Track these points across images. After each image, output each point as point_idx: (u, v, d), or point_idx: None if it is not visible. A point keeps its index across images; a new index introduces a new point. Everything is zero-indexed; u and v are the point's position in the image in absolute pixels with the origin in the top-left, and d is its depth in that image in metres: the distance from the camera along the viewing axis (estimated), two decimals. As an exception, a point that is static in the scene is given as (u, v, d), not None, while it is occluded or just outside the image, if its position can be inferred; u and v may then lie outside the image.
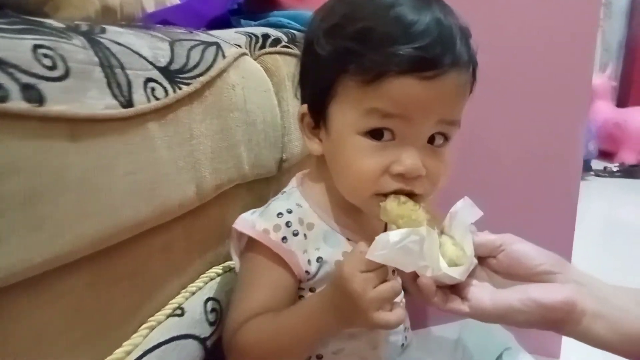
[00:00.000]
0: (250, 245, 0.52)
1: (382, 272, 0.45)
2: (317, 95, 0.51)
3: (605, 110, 2.60)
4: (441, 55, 0.45)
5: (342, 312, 0.46)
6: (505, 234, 0.49)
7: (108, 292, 0.40)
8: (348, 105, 0.48)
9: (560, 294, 0.43)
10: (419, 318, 0.79)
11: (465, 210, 0.48)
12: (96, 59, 0.38)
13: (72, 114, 0.34)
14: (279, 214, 0.52)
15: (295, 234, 0.51)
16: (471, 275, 0.48)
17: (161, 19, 0.74)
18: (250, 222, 0.51)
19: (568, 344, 1.00)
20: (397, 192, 0.48)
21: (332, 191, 0.54)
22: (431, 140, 0.49)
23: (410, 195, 0.48)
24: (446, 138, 0.50)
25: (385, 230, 0.52)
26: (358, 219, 0.54)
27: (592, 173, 2.44)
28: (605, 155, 2.65)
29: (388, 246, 0.43)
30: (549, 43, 0.76)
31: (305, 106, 0.53)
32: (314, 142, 0.53)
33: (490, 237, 0.49)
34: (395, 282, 0.45)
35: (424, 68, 0.44)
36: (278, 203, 0.53)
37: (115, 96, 0.39)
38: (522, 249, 0.47)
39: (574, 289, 0.43)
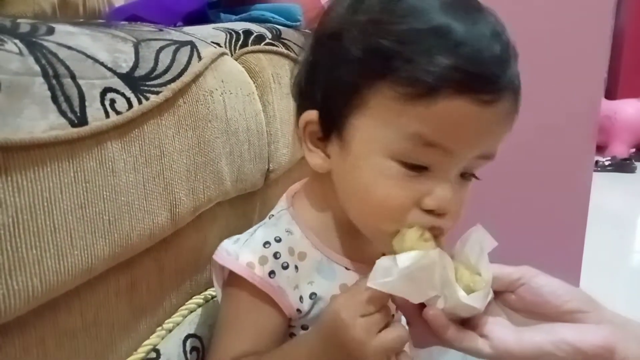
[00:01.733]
0: (233, 278, 0.45)
1: (386, 312, 0.39)
2: (335, 101, 0.42)
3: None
4: (500, 75, 0.38)
5: None
6: (523, 266, 0.42)
7: (58, 351, 0.33)
8: (382, 121, 0.40)
9: (598, 337, 0.37)
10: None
11: (479, 239, 0.42)
12: (37, 68, 0.31)
13: (2, 140, 0.27)
14: (266, 243, 0.45)
15: (285, 267, 0.44)
16: (488, 312, 0.41)
17: (130, 14, 0.66)
18: (233, 253, 0.44)
19: None
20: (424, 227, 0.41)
21: (331, 212, 0.47)
22: (463, 174, 0.42)
23: (435, 232, 0.41)
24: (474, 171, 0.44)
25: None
26: (359, 244, 0.47)
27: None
28: (596, 148, 2.63)
29: (394, 272, 0.37)
30: (561, 37, 0.73)
31: (314, 112, 0.43)
32: (317, 156, 0.45)
33: (506, 269, 0.42)
34: (402, 329, 0.39)
35: (483, 89, 0.37)
36: (265, 230, 0.46)
37: (63, 113, 0.32)
38: (545, 283, 0.41)
39: (612, 330, 0.37)
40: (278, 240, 0.45)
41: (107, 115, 0.35)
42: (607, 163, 2.44)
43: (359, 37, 0.40)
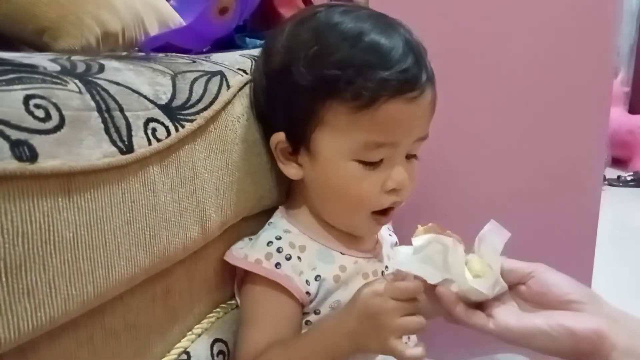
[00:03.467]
0: (246, 277, 0.52)
1: (412, 305, 0.45)
2: (297, 123, 0.52)
3: (617, 116, 2.55)
4: (419, 74, 0.49)
5: (358, 336, 0.46)
6: (537, 263, 0.48)
7: (105, 348, 0.38)
8: (339, 132, 0.50)
9: (591, 323, 0.41)
10: (440, 350, 0.76)
11: (493, 233, 0.48)
12: (93, 104, 0.36)
13: (67, 168, 0.32)
14: (269, 243, 0.52)
15: (288, 259, 0.51)
16: (499, 300, 0.47)
17: (164, 42, 0.71)
18: (242, 254, 0.51)
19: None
20: (390, 207, 0.53)
21: (316, 211, 0.56)
22: (408, 156, 0.54)
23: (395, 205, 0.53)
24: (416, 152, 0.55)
25: None
26: (348, 236, 0.56)
27: (605, 182, 2.39)
28: (618, 162, 2.60)
29: (410, 253, 0.45)
30: (567, 50, 0.74)
31: (281, 134, 0.53)
32: (291, 167, 0.55)
33: (521, 264, 0.48)
34: (423, 319, 0.45)
35: (409, 89, 0.48)
36: (266, 233, 0.54)
37: (113, 142, 0.37)
38: (553, 277, 0.46)
39: (606, 321, 0.41)
40: (279, 238, 0.53)
41: (149, 142, 0.40)
42: (629, 178, 2.41)
43: (304, 71, 0.50)
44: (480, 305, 0.46)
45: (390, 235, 0.66)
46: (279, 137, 0.53)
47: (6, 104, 0.30)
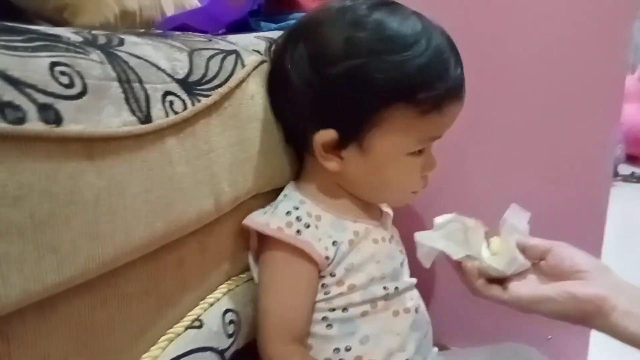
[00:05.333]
0: (267, 243, 0.55)
1: None
2: (354, 121, 0.53)
3: (633, 113, 2.51)
4: (462, 75, 0.55)
5: None
6: (560, 241, 0.53)
7: (119, 312, 0.40)
8: (400, 132, 0.53)
9: (593, 289, 0.46)
10: (447, 337, 0.78)
11: (514, 215, 0.54)
12: (114, 74, 0.37)
13: (89, 133, 0.34)
14: (288, 212, 0.55)
15: (307, 226, 0.55)
16: (520, 275, 0.52)
17: (180, 23, 0.73)
18: (264, 221, 0.54)
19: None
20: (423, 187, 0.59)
21: (328, 187, 0.60)
22: None
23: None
24: None
25: None
26: (358, 205, 0.61)
27: (619, 178, 2.36)
28: (633, 159, 2.57)
29: (432, 230, 0.52)
30: (579, 43, 0.73)
31: (332, 132, 0.53)
32: (332, 160, 0.56)
33: (542, 241, 0.53)
34: None
35: (462, 92, 0.55)
36: (283, 204, 0.57)
37: (133, 112, 0.38)
38: (567, 251, 0.51)
39: (608, 287, 0.46)
40: (296, 208, 0.56)
41: (167, 114, 0.42)
42: (644, 175, 2.38)
43: (380, 76, 0.50)
44: (500, 281, 0.52)
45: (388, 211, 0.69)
46: (330, 134, 0.53)
47: (33, 69, 0.31)
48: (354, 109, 0.52)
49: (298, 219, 0.54)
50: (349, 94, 0.52)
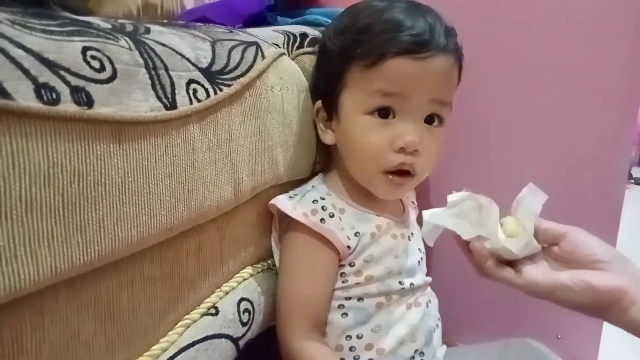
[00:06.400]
0: (293, 226, 0.57)
1: None
2: (329, 88, 0.59)
3: (645, 115, 2.49)
4: (430, 40, 0.54)
5: None
6: (572, 226, 0.50)
7: (143, 293, 0.40)
8: (355, 90, 0.56)
9: (613, 281, 0.43)
10: (456, 335, 0.78)
11: (531, 195, 0.50)
12: (141, 61, 0.38)
13: (119, 116, 0.34)
14: (314, 201, 0.57)
15: (332, 216, 0.57)
16: (531, 259, 0.49)
17: (200, 16, 0.73)
18: (291, 206, 0.56)
19: None
20: (399, 169, 0.55)
21: (348, 178, 0.61)
22: (428, 121, 0.57)
23: (405, 167, 0.56)
24: (440, 120, 0.58)
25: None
26: (379, 201, 0.61)
27: (632, 181, 2.33)
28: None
29: (445, 208, 0.49)
30: (597, 42, 0.73)
31: (319, 101, 0.61)
32: (327, 133, 0.61)
33: (557, 225, 0.50)
34: None
35: (417, 50, 0.53)
36: (311, 193, 0.59)
37: (159, 98, 0.39)
38: (584, 238, 0.48)
39: (628, 279, 0.43)
40: (323, 198, 0.58)
41: (190, 102, 0.42)
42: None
43: (334, 38, 0.58)
44: (510, 263, 0.49)
45: (415, 208, 0.70)
46: (318, 104, 0.61)
47: (67, 52, 0.32)
48: (325, 75, 0.60)
49: (323, 208, 0.57)
50: (320, 62, 0.62)
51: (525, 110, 0.78)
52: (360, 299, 0.57)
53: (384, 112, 0.55)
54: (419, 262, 0.62)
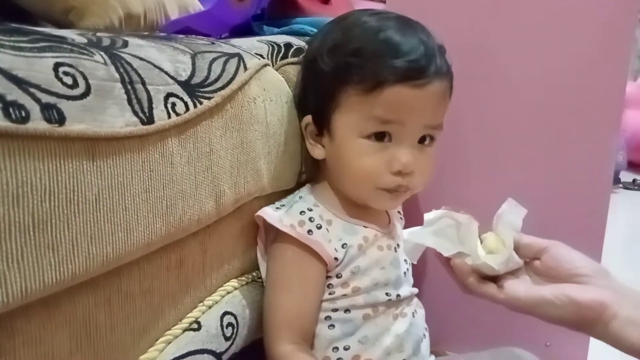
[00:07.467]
0: (280, 237, 0.56)
1: None
2: (321, 106, 0.58)
3: (635, 119, 2.52)
4: (427, 66, 0.54)
5: None
6: (553, 240, 0.50)
7: (121, 310, 0.40)
8: (350, 112, 0.56)
9: (594, 294, 0.44)
10: (444, 344, 0.78)
11: (510, 211, 0.50)
12: (117, 75, 0.38)
13: (92, 133, 0.34)
14: (302, 212, 0.57)
15: (319, 227, 0.56)
16: (513, 274, 0.49)
17: (184, 26, 0.73)
18: (277, 217, 0.56)
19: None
20: (396, 188, 0.56)
21: (338, 190, 0.61)
22: (421, 140, 0.57)
23: (401, 189, 0.57)
24: (432, 139, 0.59)
25: None
26: (367, 209, 0.61)
27: (620, 185, 2.35)
28: (635, 166, 2.57)
29: (422, 226, 0.49)
30: (580, 49, 0.74)
31: (309, 117, 0.60)
32: (317, 148, 0.61)
33: (538, 240, 0.50)
34: None
35: (415, 77, 0.53)
36: (298, 204, 0.59)
37: (135, 113, 0.39)
38: (566, 253, 0.49)
39: (609, 293, 0.44)
40: (310, 209, 0.57)
41: (169, 116, 0.42)
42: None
43: (327, 59, 0.57)
44: (493, 278, 0.49)
45: (401, 218, 0.70)
46: (307, 119, 0.61)
47: (37, 69, 0.32)
48: (317, 92, 0.59)
49: (311, 219, 0.57)
50: (311, 79, 0.60)
51: (510, 116, 0.78)
52: (347, 310, 0.57)
53: (381, 136, 0.56)
54: (404, 273, 0.62)
